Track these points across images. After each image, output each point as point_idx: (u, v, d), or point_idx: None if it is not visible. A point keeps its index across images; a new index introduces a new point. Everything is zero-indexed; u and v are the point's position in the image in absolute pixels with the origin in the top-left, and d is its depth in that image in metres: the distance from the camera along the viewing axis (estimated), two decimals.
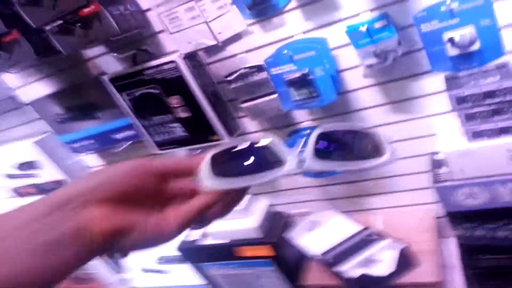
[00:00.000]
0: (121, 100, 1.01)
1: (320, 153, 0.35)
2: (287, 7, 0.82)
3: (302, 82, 0.79)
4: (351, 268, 0.92)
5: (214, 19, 0.82)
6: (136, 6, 0.86)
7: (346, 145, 0.37)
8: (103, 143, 1.17)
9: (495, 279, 0.92)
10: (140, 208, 0.34)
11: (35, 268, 0.29)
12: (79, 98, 1.07)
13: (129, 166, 0.35)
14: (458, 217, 0.86)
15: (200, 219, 0.36)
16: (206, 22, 0.81)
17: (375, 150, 0.36)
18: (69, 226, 0.30)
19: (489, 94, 0.70)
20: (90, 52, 1.02)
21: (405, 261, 0.92)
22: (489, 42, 0.67)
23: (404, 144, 0.94)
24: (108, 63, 1.02)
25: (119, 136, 1.13)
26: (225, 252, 1.13)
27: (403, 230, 0.99)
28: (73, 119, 1.11)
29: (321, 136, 0.35)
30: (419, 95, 0.86)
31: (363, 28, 0.71)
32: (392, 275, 0.90)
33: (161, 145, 1.07)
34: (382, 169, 1.00)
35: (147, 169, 0.36)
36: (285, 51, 0.79)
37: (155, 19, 0.89)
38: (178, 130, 1.01)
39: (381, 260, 0.93)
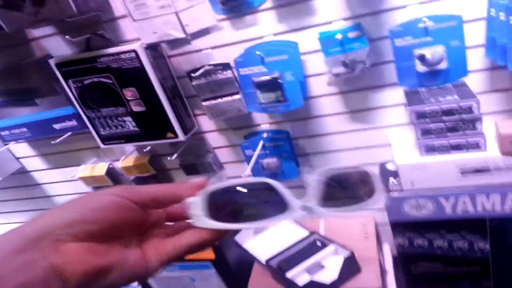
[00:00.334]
0: (66, 88, 0.91)
1: (325, 199, 0.34)
2: (261, 7, 0.80)
3: (271, 85, 0.77)
4: (298, 275, 0.93)
5: (184, 9, 0.77)
6: None
7: (346, 188, 0.36)
8: (38, 133, 1.05)
9: (426, 284, 0.98)
10: (119, 243, 0.32)
11: None
12: (17, 82, 0.95)
13: (111, 199, 0.32)
14: (401, 226, 0.90)
15: (186, 255, 0.34)
16: (176, 13, 0.76)
17: (371, 190, 0.35)
18: (43, 267, 0.27)
19: (447, 112, 0.74)
20: (36, 31, 0.91)
21: (349, 267, 0.94)
22: (456, 62, 0.70)
23: (357, 152, 0.97)
24: (55, 45, 0.91)
25: (57, 126, 1.02)
26: None
27: (345, 235, 1.02)
28: (8, 104, 0.98)
29: (323, 181, 0.34)
30: (379, 106, 0.89)
31: (339, 37, 0.71)
32: (337, 282, 0.92)
33: (107, 139, 0.99)
34: None
35: (132, 200, 0.33)
36: (258, 52, 0.77)
37: (117, 3, 0.82)
38: (129, 125, 0.94)
39: (327, 266, 0.95)
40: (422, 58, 0.69)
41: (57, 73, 0.89)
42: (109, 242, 0.31)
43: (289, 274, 0.92)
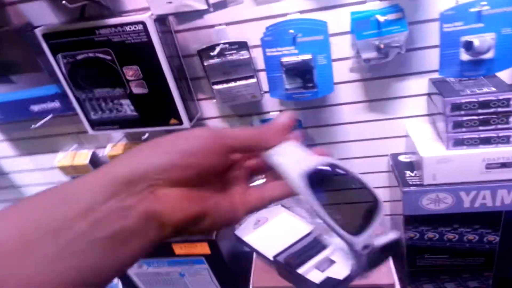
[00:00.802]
0: (53, 63, 0.78)
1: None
2: None
3: (301, 69, 0.69)
4: (308, 271, 0.88)
5: None
6: None
7: None
8: (12, 115, 0.90)
9: (429, 276, 0.97)
10: (210, 189, 0.31)
11: (97, 266, 0.24)
12: None
13: (203, 142, 0.30)
14: (415, 220, 0.88)
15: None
16: None
17: None
18: (136, 215, 0.25)
19: (485, 104, 0.71)
20: None
21: None
22: (504, 51, 0.67)
23: (368, 143, 0.93)
24: (37, 12, 0.77)
25: (36, 108, 0.88)
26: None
27: None
28: None
29: None
30: (398, 95, 0.84)
31: (381, 19, 0.65)
32: (349, 277, 0.89)
33: (98, 124, 0.87)
34: None
35: (223, 146, 0.31)
36: (291, 31, 0.69)
37: None
38: (126, 109, 0.83)
39: (337, 262, 0.91)
40: (469, 46, 0.65)
41: (44, 45, 0.75)
42: (201, 188, 0.30)
43: (300, 271, 0.87)
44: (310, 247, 0.94)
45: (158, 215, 0.26)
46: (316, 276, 0.86)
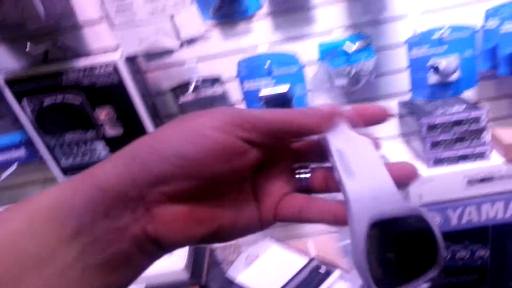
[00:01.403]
0: (17, 109, 0.74)
1: None
2: (256, 16, 0.72)
3: (280, 101, 0.69)
4: None
5: (174, 15, 0.66)
6: None
7: None
8: None
9: None
10: (228, 199, 0.24)
11: None
12: None
13: (216, 139, 0.22)
14: None
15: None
16: (171, 17, 0.64)
17: None
18: (130, 237, 0.21)
19: (458, 123, 0.72)
20: None
21: None
22: (467, 71, 0.69)
23: None
24: None
25: (0, 158, 0.83)
26: None
27: (336, 254, 0.96)
28: None
29: None
30: None
31: (349, 48, 0.66)
32: None
33: (71, 169, 0.82)
34: None
35: (243, 138, 0.23)
36: (268, 62, 0.68)
37: (85, 6, 0.68)
38: (101, 152, 0.79)
39: None
40: (437, 69, 0.66)
41: (7, 91, 0.71)
42: (215, 199, 0.23)
43: None
44: (309, 280, 0.91)
45: (155, 238, 0.22)
46: None
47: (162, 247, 0.23)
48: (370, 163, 0.24)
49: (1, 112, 0.76)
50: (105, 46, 0.73)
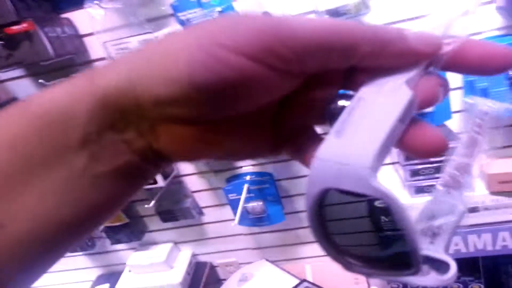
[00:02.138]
0: None
1: None
2: None
3: None
4: None
5: None
6: (74, 30, 0.74)
7: None
8: None
9: None
10: (242, 126, 0.21)
11: (94, 203, 0.20)
12: None
13: (249, 73, 0.18)
14: None
15: None
16: None
17: None
18: (136, 150, 0.20)
19: None
20: (1, 73, 0.84)
21: None
22: (441, 105, 0.70)
23: None
24: (22, 89, 0.85)
25: None
26: None
27: (334, 280, 0.97)
28: None
29: None
30: None
31: None
32: None
33: None
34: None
35: (275, 67, 0.18)
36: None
37: (95, 45, 0.78)
38: None
39: None
40: None
41: None
42: (227, 126, 0.21)
43: None
44: None
45: (161, 153, 0.21)
46: None
47: (169, 161, 0.22)
48: (373, 126, 0.18)
49: None
50: None
